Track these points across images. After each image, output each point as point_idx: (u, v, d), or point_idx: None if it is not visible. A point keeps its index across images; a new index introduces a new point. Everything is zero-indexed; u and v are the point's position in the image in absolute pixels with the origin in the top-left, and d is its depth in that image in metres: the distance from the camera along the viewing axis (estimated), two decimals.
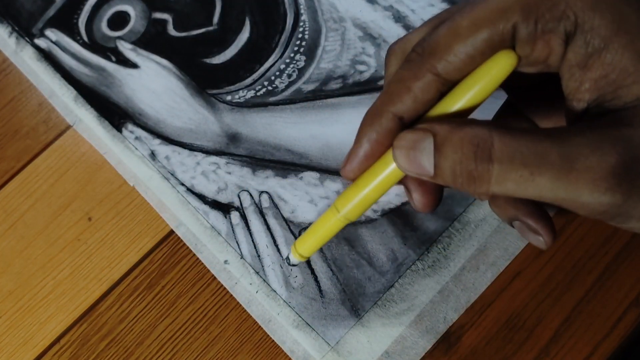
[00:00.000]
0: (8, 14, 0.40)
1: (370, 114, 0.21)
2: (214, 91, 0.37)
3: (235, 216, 0.34)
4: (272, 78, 0.37)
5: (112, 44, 0.39)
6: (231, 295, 0.33)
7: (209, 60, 0.38)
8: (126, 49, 0.38)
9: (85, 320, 0.33)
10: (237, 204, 0.34)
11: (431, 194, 0.22)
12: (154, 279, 0.33)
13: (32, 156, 0.37)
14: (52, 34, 0.39)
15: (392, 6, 0.37)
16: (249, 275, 0.32)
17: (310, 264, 0.32)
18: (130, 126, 0.36)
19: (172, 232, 0.34)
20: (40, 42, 0.39)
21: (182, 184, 0.35)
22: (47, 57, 0.39)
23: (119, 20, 0.39)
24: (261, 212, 0.33)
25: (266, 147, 0.35)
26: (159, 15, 0.39)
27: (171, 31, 0.39)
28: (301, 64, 0.37)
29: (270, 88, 0.36)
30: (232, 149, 0.35)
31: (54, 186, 0.36)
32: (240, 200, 0.34)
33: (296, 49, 0.37)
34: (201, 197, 0.34)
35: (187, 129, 0.36)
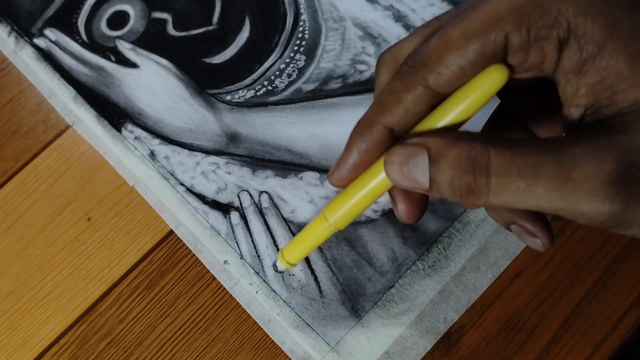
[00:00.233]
0: (7, 13, 0.40)
1: (361, 124, 0.21)
2: (214, 91, 0.37)
3: (235, 216, 0.34)
4: (272, 78, 0.37)
5: (111, 44, 0.39)
6: (231, 295, 0.32)
7: (208, 60, 0.38)
8: (126, 48, 0.38)
9: (85, 320, 0.33)
10: (236, 204, 0.34)
11: (416, 205, 0.23)
12: (153, 279, 0.33)
13: (31, 156, 0.37)
14: (51, 33, 0.39)
15: (392, 5, 0.37)
16: (249, 275, 0.32)
17: (310, 264, 0.32)
18: (130, 126, 0.36)
19: (171, 232, 0.34)
20: (39, 41, 0.39)
21: (182, 184, 0.35)
22: (47, 56, 0.39)
23: (118, 20, 0.39)
24: (261, 212, 0.33)
25: (266, 147, 0.35)
26: (158, 14, 0.39)
27: (171, 31, 0.39)
28: (301, 63, 0.37)
29: (270, 88, 0.36)
30: (231, 148, 0.35)
31: (53, 186, 0.36)
32: (240, 200, 0.34)
33: (296, 48, 0.37)
34: (201, 197, 0.34)
35: (186, 128, 0.36)
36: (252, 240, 0.33)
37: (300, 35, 0.37)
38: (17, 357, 0.32)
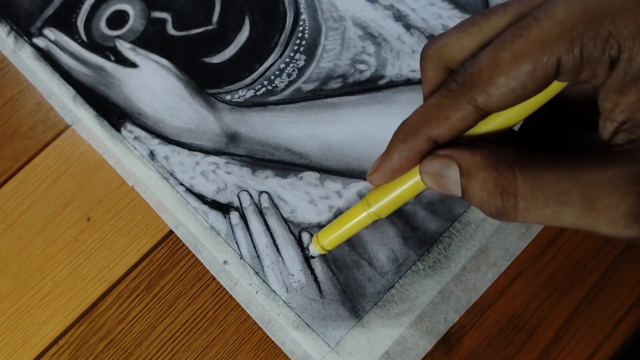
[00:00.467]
0: (6, 13, 0.40)
1: (404, 130, 0.22)
2: (214, 91, 0.37)
3: (234, 216, 0.33)
4: (272, 77, 0.37)
5: (111, 43, 0.39)
6: (231, 295, 0.32)
7: (208, 60, 0.38)
8: (125, 48, 0.38)
9: (84, 321, 0.33)
10: (236, 204, 0.34)
11: None
12: (153, 279, 0.33)
13: (31, 156, 0.37)
14: (50, 33, 0.39)
15: (392, 5, 0.37)
16: (249, 275, 0.32)
17: (310, 264, 0.32)
18: (129, 126, 0.36)
19: (171, 232, 0.34)
20: (38, 41, 0.39)
21: (182, 184, 0.34)
22: (46, 56, 0.38)
23: (117, 20, 0.39)
24: (261, 212, 0.33)
25: (266, 147, 0.35)
26: (158, 14, 0.39)
27: (170, 30, 0.39)
28: (301, 63, 0.37)
29: (270, 87, 0.36)
30: (231, 148, 0.35)
31: (52, 186, 0.36)
32: (240, 201, 0.34)
33: (296, 48, 0.37)
34: (200, 197, 0.34)
35: (186, 128, 0.36)
36: (252, 241, 0.33)
37: (300, 35, 0.37)
38: (17, 357, 0.32)
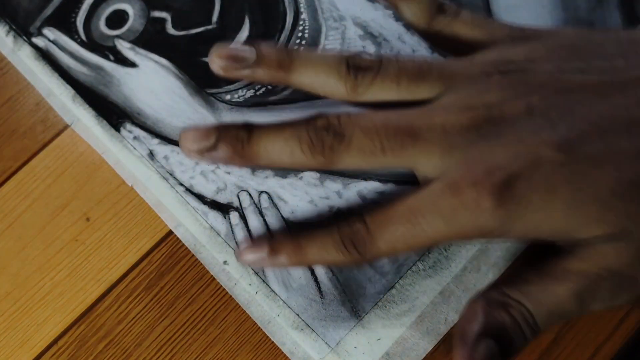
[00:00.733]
0: (5, 12, 0.40)
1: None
2: (213, 90, 0.37)
3: (234, 216, 0.33)
4: None
5: (110, 43, 0.38)
6: (230, 296, 0.32)
7: (208, 59, 0.37)
8: (124, 47, 0.38)
9: (83, 321, 0.33)
10: (236, 204, 0.34)
11: None
12: (152, 279, 0.33)
13: (30, 156, 0.37)
14: (49, 32, 0.39)
15: None
16: (249, 276, 0.32)
17: None
18: (129, 125, 0.36)
19: (170, 232, 0.34)
20: (37, 40, 0.39)
21: (181, 184, 0.34)
22: (45, 56, 0.38)
23: (117, 19, 0.39)
24: (260, 213, 0.33)
25: None
26: (157, 13, 0.39)
27: (170, 30, 0.38)
28: None
29: (269, 87, 0.36)
30: None
31: (51, 186, 0.36)
32: (240, 201, 0.34)
33: (296, 47, 0.37)
34: (200, 197, 0.34)
35: None
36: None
37: (300, 35, 0.37)
38: (16, 358, 0.32)
